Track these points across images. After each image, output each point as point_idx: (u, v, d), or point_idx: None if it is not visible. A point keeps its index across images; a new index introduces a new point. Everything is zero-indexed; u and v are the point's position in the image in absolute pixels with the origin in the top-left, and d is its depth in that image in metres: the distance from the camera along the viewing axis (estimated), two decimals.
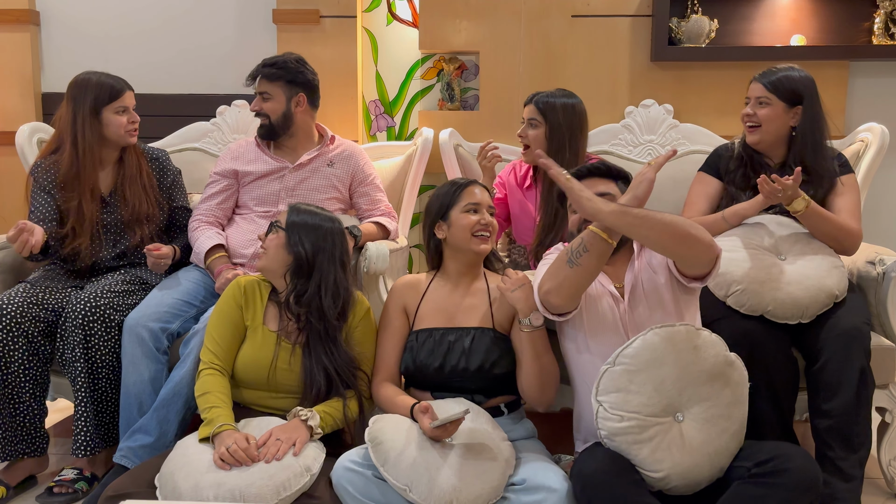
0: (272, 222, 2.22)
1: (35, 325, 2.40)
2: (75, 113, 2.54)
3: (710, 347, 1.90)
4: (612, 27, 3.33)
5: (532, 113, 2.68)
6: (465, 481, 1.83)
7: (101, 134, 2.56)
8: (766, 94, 2.46)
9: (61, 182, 2.54)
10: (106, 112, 2.56)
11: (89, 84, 2.56)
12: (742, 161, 2.54)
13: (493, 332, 2.13)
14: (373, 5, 3.52)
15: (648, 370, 1.86)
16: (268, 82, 2.69)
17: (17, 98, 3.51)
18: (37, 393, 2.44)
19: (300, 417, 1.99)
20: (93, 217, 2.55)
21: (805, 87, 2.45)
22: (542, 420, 2.35)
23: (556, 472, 1.90)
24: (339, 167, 2.79)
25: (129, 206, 2.59)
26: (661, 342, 1.86)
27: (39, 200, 2.57)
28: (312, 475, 1.89)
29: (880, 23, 3.25)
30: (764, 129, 2.47)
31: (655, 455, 1.82)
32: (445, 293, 2.21)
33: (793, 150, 2.48)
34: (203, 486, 1.81)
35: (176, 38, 3.55)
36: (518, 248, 2.98)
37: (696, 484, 1.86)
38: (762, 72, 2.51)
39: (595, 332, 2.02)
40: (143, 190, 2.63)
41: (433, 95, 3.55)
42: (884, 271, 2.43)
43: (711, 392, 1.87)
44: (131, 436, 2.28)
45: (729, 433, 1.87)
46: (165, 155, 2.78)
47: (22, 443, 2.44)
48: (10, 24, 3.48)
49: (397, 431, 1.91)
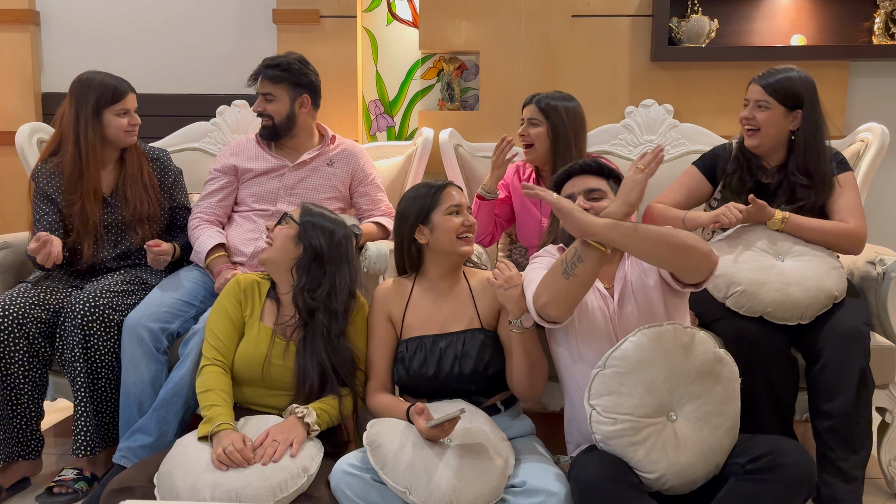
0: (285, 213, 2.21)
1: (36, 326, 2.40)
2: (78, 113, 2.53)
3: (698, 345, 1.90)
4: (612, 27, 3.33)
5: (533, 113, 2.67)
6: (465, 482, 1.82)
7: (102, 135, 2.56)
8: (765, 97, 2.42)
9: (65, 185, 2.54)
10: (107, 114, 2.55)
11: (92, 84, 2.55)
12: (739, 164, 2.51)
13: (483, 331, 2.13)
14: (373, 5, 3.52)
15: (638, 372, 1.85)
16: (271, 83, 2.68)
17: (17, 98, 3.51)
18: (35, 395, 2.44)
19: (296, 414, 1.99)
20: (95, 218, 2.55)
21: (805, 90, 2.41)
22: (542, 420, 2.35)
23: (556, 475, 1.90)
24: (340, 167, 2.79)
25: (130, 206, 2.59)
26: (650, 342, 1.86)
27: (43, 209, 2.56)
28: (310, 476, 1.89)
29: (880, 23, 3.25)
30: (763, 133, 2.44)
31: (651, 456, 1.82)
32: (430, 299, 2.18)
33: (793, 155, 2.44)
34: (200, 486, 1.81)
35: (176, 38, 3.56)
36: (518, 248, 2.98)
37: (692, 482, 1.86)
38: (761, 73, 2.47)
39: (587, 337, 2.01)
40: (144, 189, 2.62)
41: (433, 95, 3.55)
42: (884, 271, 2.43)
43: (702, 389, 1.87)
44: (131, 436, 2.28)
45: (722, 429, 1.87)
46: (166, 154, 2.78)
47: (18, 445, 2.44)
48: (10, 24, 3.48)
49: (394, 434, 1.91)
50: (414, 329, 2.15)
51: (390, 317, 2.19)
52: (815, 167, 2.42)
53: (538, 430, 2.21)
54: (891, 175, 3.28)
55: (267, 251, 2.19)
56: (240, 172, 2.75)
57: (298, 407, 2.01)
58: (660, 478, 1.82)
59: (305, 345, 2.09)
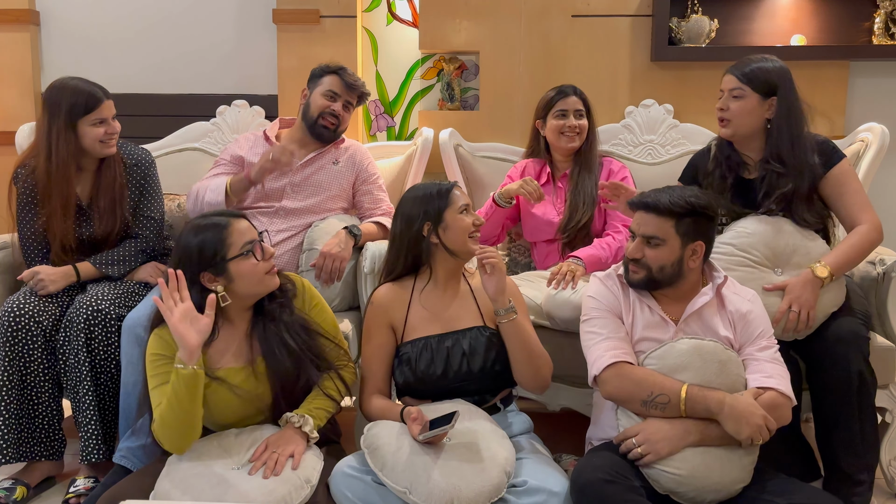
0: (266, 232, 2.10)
1: (51, 322, 2.39)
2: (50, 124, 2.42)
3: (734, 366, 1.95)
4: (612, 27, 3.33)
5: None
6: (465, 479, 1.82)
7: (77, 146, 2.44)
8: (739, 85, 2.36)
9: (38, 196, 2.47)
10: (82, 124, 2.43)
11: (64, 93, 2.43)
12: (717, 162, 2.46)
13: (486, 329, 2.12)
14: (373, 5, 3.52)
15: (672, 373, 1.92)
16: (355, 96, 2.84)
17: (17, 98, 3.51)
18: (54, 393, 2.43)
19: (293, 424, 1.95)
20: (68, 233, 2.48)
21: (780, 77, 2.36)
22: (542, 420, 2.35)
23: (557, 474, 1.90)
24: (345, 166, 2.82)
25: (101, 221, 2.52)
26: (689, 349, 1.93)
27: (25, 219, 2.51)
28: (312, 486, 1.86)
29: (880, 23, 3.24)
30: (736, 123, 2.38)
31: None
32: (434, 299, 2.16)
33: (769, 144, 2.38)
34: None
35: (176, 38, 3.55)
36: (517, 246, 2.98)
37: (703, 489, 1.86)
38: (735, 63, 2.43)
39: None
40: (114, 204, 2.52)
41: (433, 95, 3.55)
42: (884, 271, 2.43)
43: None
44: (131, 436, 2.28)
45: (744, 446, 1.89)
46: (149, 159, 2.65)
47: (39, 445, 2.42)
48: (10, 24, 3.48)
49: (391, 435, 1.91)
50: (417, 330, 2.13)
51: (391, 322, 2.15)
52: (790, 154, 2.34)
53: (537, 429, 2.21)
54: (891, 175, 3.28)
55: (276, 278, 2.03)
56: (246, 164, 2.76)
57: (294, 416, 1.96)
58: (673, 475, 1.85)
59: (266, 338, 1.97)
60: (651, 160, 3.15)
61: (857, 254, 2.32)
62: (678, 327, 2.00)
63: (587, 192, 2.70)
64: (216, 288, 1.93)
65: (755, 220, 2.36)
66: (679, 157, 3.10)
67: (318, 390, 2.03)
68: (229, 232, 1.93)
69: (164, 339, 1.92)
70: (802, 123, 2.39)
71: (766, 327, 2.03)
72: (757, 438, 1.84)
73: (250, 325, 2.02)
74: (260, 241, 1.98)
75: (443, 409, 1.98)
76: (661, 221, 1.98)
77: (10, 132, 3.15)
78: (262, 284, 1.98)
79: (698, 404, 1.87)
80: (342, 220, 2.74)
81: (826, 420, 2.20)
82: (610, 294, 2.06)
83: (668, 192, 2.00)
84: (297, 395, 2.02)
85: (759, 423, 1.83)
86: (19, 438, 2.38)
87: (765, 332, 2.01)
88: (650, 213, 1.99)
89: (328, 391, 2.03)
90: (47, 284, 2.42)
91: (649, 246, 1.99)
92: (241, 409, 1.99)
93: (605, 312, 2.04)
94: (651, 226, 1.99)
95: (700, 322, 2.01)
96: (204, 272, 1.92)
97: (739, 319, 2.01)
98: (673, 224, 1.97)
